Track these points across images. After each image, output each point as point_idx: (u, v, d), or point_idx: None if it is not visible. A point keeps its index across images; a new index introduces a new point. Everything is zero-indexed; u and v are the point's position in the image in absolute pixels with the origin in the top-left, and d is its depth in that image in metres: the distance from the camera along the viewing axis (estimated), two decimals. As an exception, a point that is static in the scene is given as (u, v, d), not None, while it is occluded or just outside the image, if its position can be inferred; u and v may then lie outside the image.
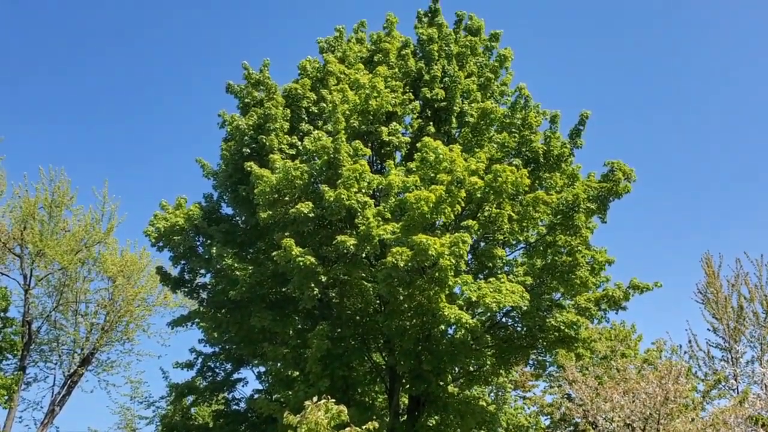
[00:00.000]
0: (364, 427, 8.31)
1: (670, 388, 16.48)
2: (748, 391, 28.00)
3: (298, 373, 20.94)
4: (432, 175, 19.50)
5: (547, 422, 31.04)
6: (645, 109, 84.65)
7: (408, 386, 21.96)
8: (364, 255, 19.87)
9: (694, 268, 41.19)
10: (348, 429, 8.25)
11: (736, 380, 31.70)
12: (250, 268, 20.93)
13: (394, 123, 22.13)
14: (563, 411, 19.72)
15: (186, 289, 24.76)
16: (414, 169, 20.24)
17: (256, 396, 23.47)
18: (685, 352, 34.02)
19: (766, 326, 32.42)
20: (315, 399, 8.49)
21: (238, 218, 24.19)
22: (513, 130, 22.28)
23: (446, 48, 23.90)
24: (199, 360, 25.38)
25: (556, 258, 20.89)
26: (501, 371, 24.56)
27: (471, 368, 23.14)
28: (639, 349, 30.39)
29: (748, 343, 34.54)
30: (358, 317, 22.18)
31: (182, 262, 23.82)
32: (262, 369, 25.68)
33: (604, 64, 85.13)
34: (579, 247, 20.80)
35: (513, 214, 20.46)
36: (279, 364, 22.16)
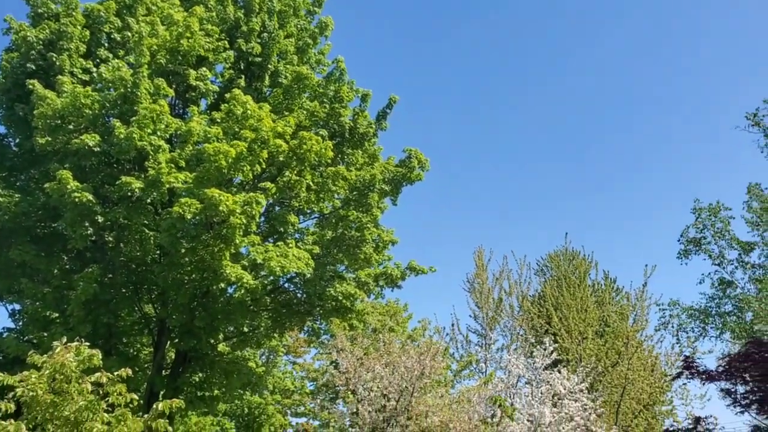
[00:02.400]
0: (116, 373, 7.91)
1: (426, 364, 17.70)
2: (493, 374, 31.10)
3: (57, 315, 19.45)
4: (236, 129, 19.01)
5: (312, 388, 31.99)
6: (453, 102, 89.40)
7: (177, 341, 21.38)
8: (149, 201, 18.88)
9: (468, 259, 44.46)
10: (98, 374, 7.81)
11: (485, 364, 35.07)
12: (17, 195, 18.99)
13: (205, 68, 21.17)
14: (328, 378, 20.44)
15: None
16: (218, 120, 19.58)
17: (5, 334, 21.41)
18: (447, 334, 36.91)
19: (518, 319, 36.20)
20: (64, 340, 7.91)
21: (10, 139, 21.76)
22: (324, 100, 22.39)
23: (269, 2, 23.28)
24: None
25: (346, 232, 21.49)
26: (275, 335, 24.82)
27: (245, 329, 23.09)
28: (408, 327, 32.35)
29: (501, 332, 38.33)
30: (133, 265, 21.08)
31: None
32: (17, 307, 23.48)
33: (421, 54, 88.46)
34: (368, 225, 21.55)
35: (312, 184, 20.64)
36: (37, 303, 20.38)
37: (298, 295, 22.64)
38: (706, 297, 22.52)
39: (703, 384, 9.43)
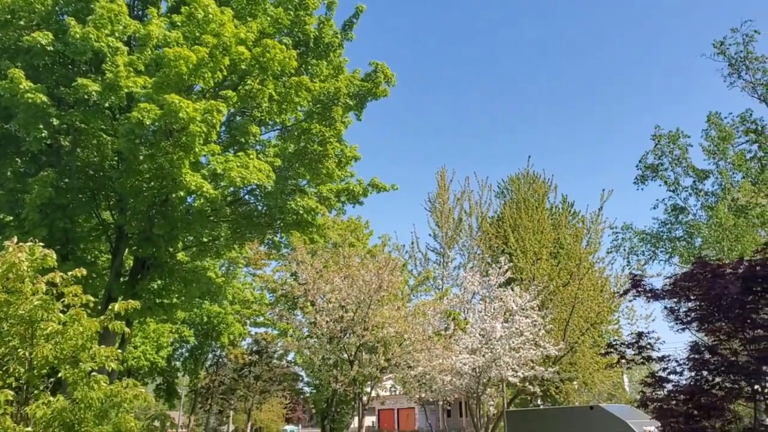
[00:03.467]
0: (70, 273, 7.86)
1: (384, 278, 18.06)
2: (449, 290, 32.03)
3: (12, 218, 19.09)
4: (197, 34, 18.29)
5: (272, 299, 32.44)
6: (421, 20, 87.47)
7: (135, 248, 21.25)
8: (107, 105, 18.27)
9: (431, 179, 44.62)
10: (52, 274, 7.75)
11: (442, 281, 35.96)
12: (-35, 92, 18.19)
13: (165, -33, 20.18)
14: (287, 289, 20.71)
15: None
16: (179, 24, 18.77)
17: (-44, 237, 21.00)
18: (407, 252, 37.64)
19: (476, 239, 36.95)
20: (15, 239, 7.78)
21: (-43, 33, 20.64)
22: (289, 7, 21.60)
23: None
24: None
25: (308, 146, 21.23)
26: (235, 246, 24.83)
27: (205, 239, 23.03)
28: (368, 243, 32.77)
29: (459, 251, 39.26)
30: (91, 171, 20.61)
31: None
32: (-31, 209, 22.95)
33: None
34: (331, 139, 21.31)
35: (275, 94, 20.18)
36: (-9, 207, 19.94)
37: (259, 207, 22.54)
38: (658, 222, 23.15)
39: (649, 302, 9.80)
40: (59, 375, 7.94)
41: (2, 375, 7.44)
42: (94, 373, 7.68)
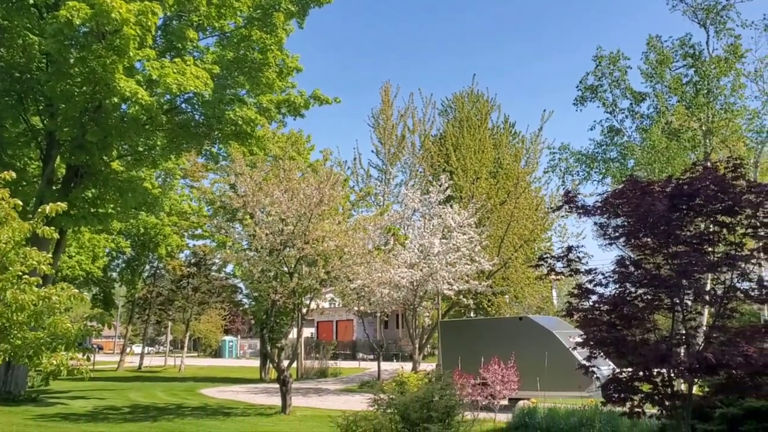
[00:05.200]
0: (-1, 176, 7.56)
1: (326, 193, 18.00)
2: (390, 206, 32.33)
3: (-69, 120, 18.09)
4: (129, -72, 17.18)
5: (210, 212, 32.08)
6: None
7: (67, 156, 20.52)
8: (32, 2, 17.21)
9: (375, 95, 43.99)
10: (-22, 176, 7.43)
11: (383, 197, 36.23)
12: None
13: None
14: (226, 201, 20.48)
15: None
16: None
17: None
18: (348, 168, 37.63)
19: (418, 157, 37.13)
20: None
21: None
22: None
23: None
24: None
25: (248, 53, 20.59)
26: (171, 156, 24.29)
27: (140, 148, 22.42)
28: (309, 158, 32.48)
29: (401, 169, 39.46)
30: (17, 73, 19.56)
31: None
32: None
33: None
34: (272, 47, 20.69)
35: (213, -2, 19.35)
36: None
37: (196, 116, 21.96)
38: (594, 143, 23.62)
39: (580, 217, 10.16)
40: (-11, 280, 7.75)
41: (-72, 278, 7.21)
42: (25, 276, 7.53)
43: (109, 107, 19.09)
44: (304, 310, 21.00)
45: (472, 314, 31.47)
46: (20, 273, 7.56)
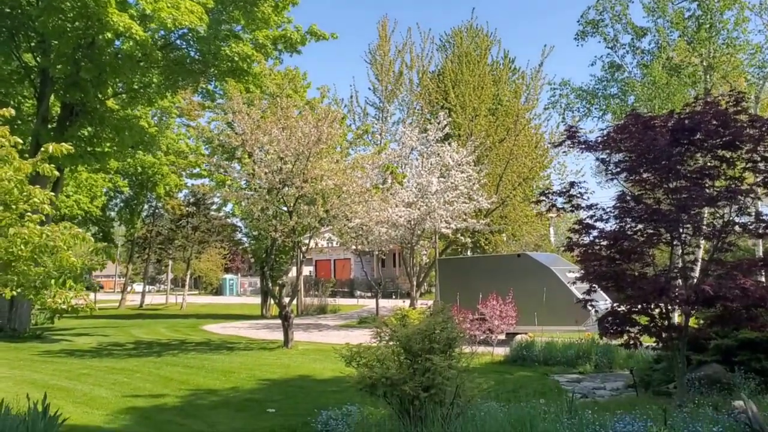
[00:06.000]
0: (-2, 112, 7.46)
1: (324, 131, 17.88)
2: (387, 145, 32.16)
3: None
4: None
5: (208, 151, 31.89)
6: None
7: (62, 93, 20.25)
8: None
9: (372, 30, 43.27)
10: (-23, 113, 7.34)
11: (381, 135, 35.98)
12: None
13: None
14: (224, 139, 20.32)
15: None
16: None
17: None
18: (345, 106, 37.19)
19: (416, 94, 36.70)
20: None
21: None
22: None
23: None
24: None
25: (243, -13, 20.11)
26: (167, 94, 23.98)
27: (136, 85, 22.11)
28: (306, 95, 32.08)
29: (399, 106, 39.05)
30: (7, 8, 19.08)
31: None
32: None
33: None
34: (267, -20, 20.21)
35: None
36: None
37: (191, 53, 21.60)
38: (595, 79, 23.32)
39: (582, 152, 10.09)
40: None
41: (-70, 215, 7.21)
42: (28, 214, 7.54)
43: (103, 43, 18.75)
44: (304, 249, 21.16)
45: (469, 252, 31.73)
46: (23, 211, 7.57)
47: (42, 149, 7.66)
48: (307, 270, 51.85)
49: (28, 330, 22.08)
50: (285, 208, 18.96)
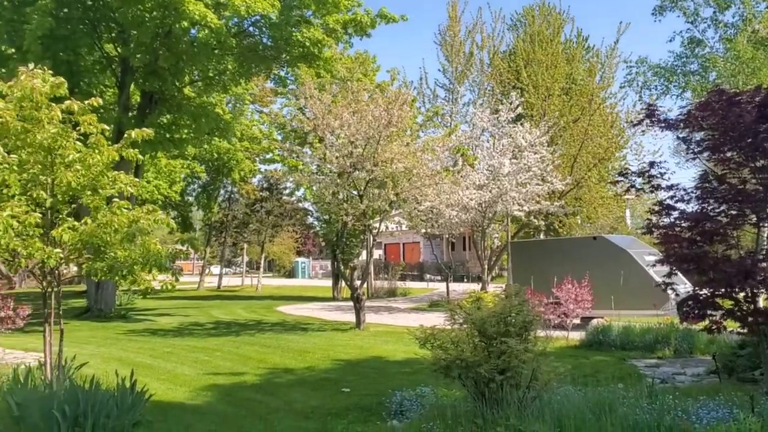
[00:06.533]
0: (87, 102, 7.81)
1: (394, 114, 17.89)
2: (458, 126, 31.95)
3: (14, 51, 18.71)
4: None
5: (281, 137, 32.50)
6: None
7: (141, 82, 20.99)
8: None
9: (442, 11, 42.79)
10: (68, 102, 7.70)
11: (451, 117, 35.74)
12: None
13: None
14: (296, 124, 20.64)
15: None
16: None
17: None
18: (415, 88, 37.06)
19: (487, 74, 36.20)
20: (31, 66, 7.64)
21: None
22: None
23: None
24: None
25: (313, -29, 20.25)
26: (241, 81, 24.49)
27: (211, 73, 22.68)
28: (375, 79, 32.16)
29: (469, 87, 38.66)
30: (89, 1, 19.89)
31: None
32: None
33: None
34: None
35: None
36: (-10, 39, 19.47)
37: (264, 39, 21.96)
38: (673, 56, 22.48)
39: (662, 131, 9.74)
40: (80, 202, 8.15)
41: (27, 201, 7.64)
42: (115, 199, 7.89)
43: (179, 32, 19.29)
44: (374, 232, 21.31)
45: (542, 235, 31.24)
46: (110, 195, 7.93)
47: (125, 135, 7.98)
48: (376, 254, 52.25)
49: (114, 310, 23.15)
50: (355, 192, 19.12)
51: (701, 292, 8.98)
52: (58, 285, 8.16)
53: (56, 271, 8.06)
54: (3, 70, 17.68)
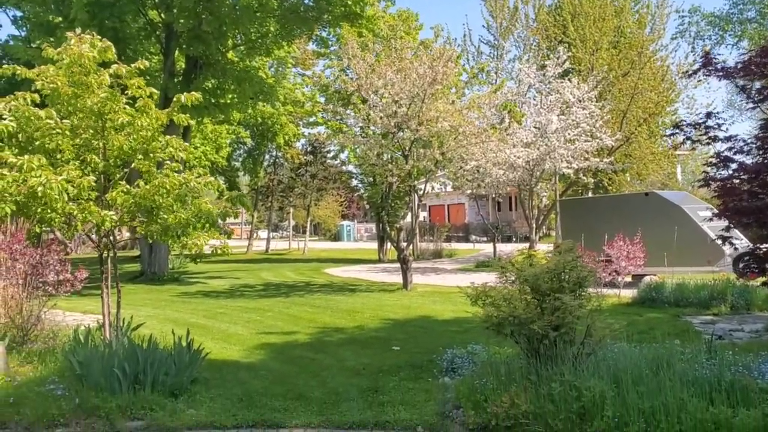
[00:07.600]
0: (133, 65, 7.86)
1: (438, 71, 17.60)
2: (504, 82, 31.32)
3: (61, 19, 18.97)
4: None
5: (324, 99, 32.43)
6: None
7: (185, 47, 21.10)
8: None
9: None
10: (116, 66, 7.77)
11: (496, 74, 35.07)
12: None
13: None
14: (339, 86, 20.52)
15: None
16: None
17: (11, 42, 21.14)
18: (459, 45, 36.42)
19: (532, 29, 35.29)
20: (78, 30, 7.71)
21: None
22: None
23: None
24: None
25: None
26: (284, 43, 24.42)
27: (253, 36, 22.64)
28: (418, 37, 31.68)
29: (514, 43, 37.79)
30: (132, -33, 19.95)
31: None
32: (19, 14, 22.86)
33: None
34: None
35: None
36: (38, 9, 19.75)
37: (305, 0, 21.78)
38: (729, 3, 21.57)
39: (720, 80, 9.33)
40: (132, 166, 8.27)
41: (80, 165, 7.78)
42: (166, 162, 7.98)
43: (221, -4, 19.28)
44: (419, 193, 21.19)
45: (590, 193, 30.64)
46: (161, 159, 8.03)
47: (175, 99, 8.02)
48: (421, 216, 52.16)
49: (167, 273, 23.73)
50: (400, 153, 18.99)
51: (762, 246, 8.69)
52: (113, 248, 8.35)
53: (111, 235, 8.24)
54: (51, 39, 17.92)
